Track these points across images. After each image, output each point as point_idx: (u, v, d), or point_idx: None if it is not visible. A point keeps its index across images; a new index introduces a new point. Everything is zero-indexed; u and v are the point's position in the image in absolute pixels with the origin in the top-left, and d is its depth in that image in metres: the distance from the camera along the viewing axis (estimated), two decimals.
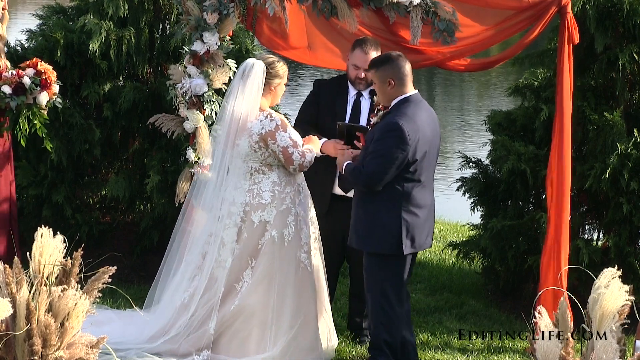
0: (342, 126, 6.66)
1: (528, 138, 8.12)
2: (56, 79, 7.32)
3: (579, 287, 7.39)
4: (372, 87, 6.69)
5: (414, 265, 6.75)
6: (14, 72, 7.24)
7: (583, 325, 4.96)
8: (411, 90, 6.40)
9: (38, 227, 4.97)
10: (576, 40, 6.78)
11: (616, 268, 4.96)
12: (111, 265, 5.05)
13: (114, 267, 5.02)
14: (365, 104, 7.02)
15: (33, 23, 8.77)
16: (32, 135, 7.37)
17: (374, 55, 6.77)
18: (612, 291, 4.86)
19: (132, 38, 8.25)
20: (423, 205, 6.41)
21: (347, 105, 7.04)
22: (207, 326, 6.57)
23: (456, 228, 10.72)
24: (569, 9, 6.75)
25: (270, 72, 6.63)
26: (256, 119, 6.60)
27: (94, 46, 8.05)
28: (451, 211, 10.88)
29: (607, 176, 7.57)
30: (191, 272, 6.75)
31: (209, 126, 7.09)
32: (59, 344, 4.79)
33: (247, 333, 6.57)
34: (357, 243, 6.48)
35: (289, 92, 17.50)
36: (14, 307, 4.76)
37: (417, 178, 6.34)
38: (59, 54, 8.11)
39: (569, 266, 6.63)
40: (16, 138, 7.33)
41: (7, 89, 7.18)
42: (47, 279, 4.92)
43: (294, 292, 6.62)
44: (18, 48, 8.36)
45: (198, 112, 7.08)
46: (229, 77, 7.09)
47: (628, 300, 4.92)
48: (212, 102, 7.09)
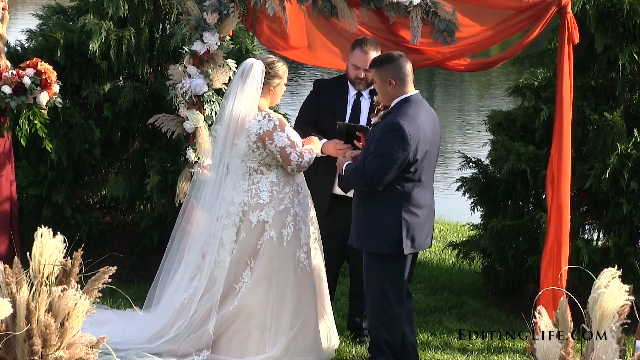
0: (342, 126, 6.65)
1: (528, 138, 8.12)
2: (56, 79, 7.30)
3: (579, 287, 7.38)
4: (373, 87, 6.68)
5: (415, 265, 6.75)
6: (14, 72, 7.22)
7: (583, 325, 4.96)
8: (412, 90, 6.40)
9: (38, 227, 4.96)
10: (576, 40, 6.78)
11: (616, 268, 4.96)
12: (111, 265, 5.06)
13: (114, 267, 5.02)
14: (365, 104, 7.02)
15: (33, 23, 8.77)
16: (32, 135, 7.36)
17: (374, 55, 6.77)
18: (612, 291, 4.87)
19: (132, 38, 8.25)
20: (423, 205, 6.41)
21: (347, 105, 7.04)
22: (207, 326, 6.57)
23: (456, 228, 10.72)
24: (569, 9, 6.75)
25: (269, 72, 6.62)
26: (254, 119, 6.59)
27: (94, 46, 8.05)
28: (451, 211, 10.87)
29: (607, 176, 7.56)
30: (191, 272, 6.74)
31: (209, 126, 7.08)
32: (59, 344, 4.79)
33: (247, 333, 6.56)
34: (358, 243, 6.47)
35: (289, 92, 17.49)
36: (14, 307, 4.75)
37: (418, 178, 6.34)
38: (59, 54, 8.11)
39: (569, 266, 6.62)
40: (16, 138, 7.33)
41: (8, 89, 7.16)
42: (47, 279, 4.92)
43: (294, 293, 6.62)
44: (18, 48, 8.36)
45: (198, 112, 7.08)
46: (229, 77, 7.08)
47: (628, 300, 4.92)
48: (212, 102, 7.09)
